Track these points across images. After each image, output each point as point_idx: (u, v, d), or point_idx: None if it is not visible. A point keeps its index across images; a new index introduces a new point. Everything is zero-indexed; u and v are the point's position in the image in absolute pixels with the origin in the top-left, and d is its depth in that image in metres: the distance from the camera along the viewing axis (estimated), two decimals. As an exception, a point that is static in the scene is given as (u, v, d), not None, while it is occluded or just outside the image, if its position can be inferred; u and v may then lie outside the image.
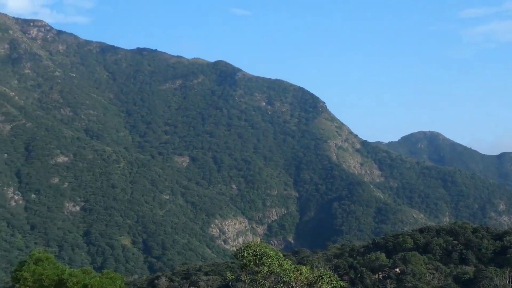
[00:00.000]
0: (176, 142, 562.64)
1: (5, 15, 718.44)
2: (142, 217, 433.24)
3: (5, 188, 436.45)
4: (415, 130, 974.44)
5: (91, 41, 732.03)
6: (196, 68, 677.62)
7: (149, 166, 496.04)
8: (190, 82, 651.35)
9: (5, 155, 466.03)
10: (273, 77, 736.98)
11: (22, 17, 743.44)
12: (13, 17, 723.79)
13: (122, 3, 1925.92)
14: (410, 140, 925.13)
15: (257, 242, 64.53)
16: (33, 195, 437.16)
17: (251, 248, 60.94)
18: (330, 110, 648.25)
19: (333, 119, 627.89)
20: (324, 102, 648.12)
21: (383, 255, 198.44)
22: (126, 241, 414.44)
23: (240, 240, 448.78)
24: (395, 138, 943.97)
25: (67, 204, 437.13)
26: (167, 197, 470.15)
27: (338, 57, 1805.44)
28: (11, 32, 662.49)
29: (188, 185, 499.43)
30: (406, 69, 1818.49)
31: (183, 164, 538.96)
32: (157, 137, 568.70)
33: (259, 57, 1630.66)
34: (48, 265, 73.80)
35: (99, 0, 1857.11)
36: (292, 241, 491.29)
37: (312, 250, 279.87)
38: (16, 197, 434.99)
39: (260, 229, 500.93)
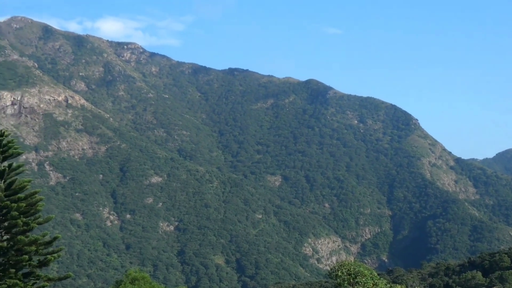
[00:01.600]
0: (268, 161, 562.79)
1: (100, 38, 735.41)
2: (235, 236, 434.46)
3: (101, 209, 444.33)
4: (510, 146, 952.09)
5: (183, 63, 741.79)
6: (287, 87, 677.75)
7: (241, 185, 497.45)
8: (282, 101, 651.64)
9: (101, 176, 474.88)
10: (365, 94, 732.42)
11: (116, 40, 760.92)
12: (107, 41, 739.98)
13: (213, 25, 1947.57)
14: (505, 157, 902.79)
15: (351, 261, 63.05)
16: (128, 215, 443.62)
17: (346, 267, 59.53)
18: (423, 127, 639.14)
19: (426, 136, 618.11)
20: (416, 119, 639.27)
21: (479, 274, 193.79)
22: (220, 260, 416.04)
23: (334, 259, 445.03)
24: (490, 154, 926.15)
25: (161, 224, 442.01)
26: (260, 216, 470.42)
27: (430, 74, 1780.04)
28: (105, 55, 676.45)
29: (280, 204, 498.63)
30: (499, 85, 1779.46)
31: (276, 183, 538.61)
32: (249, 156, 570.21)
33: (350, 75, 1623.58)
34: (144, 284, 73.86)
35: (191, 23, 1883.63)
36: (386, 260, 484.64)
37: (406, 269, 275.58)
38: (111, 217, 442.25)
39: (354, 248, 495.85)
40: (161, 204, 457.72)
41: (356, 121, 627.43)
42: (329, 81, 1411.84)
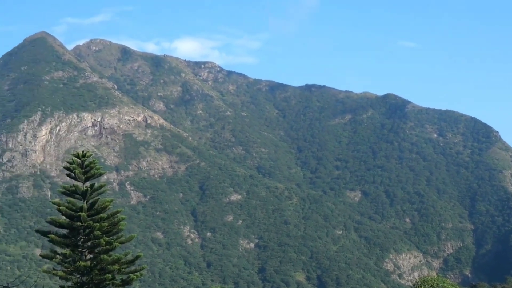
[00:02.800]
0: (348, 177, 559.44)
1: (177, 58, 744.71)
2: (315, 253, 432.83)
3: (182, 227, 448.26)
4: None
5: (260, 80, 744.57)
6: (365, 102, 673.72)
7: (321, 201, 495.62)
8: (360, 116, 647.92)
9: (181, 194, 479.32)
10: (443, 107, 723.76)
11: (193, 60, 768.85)
12: (185, 60, 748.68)
13: (288, 41, 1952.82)
14: None
15: (434, 276, 62.20)
16: (208, 233, 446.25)
17: (429, 282, 58.92)
18: (504, 139, 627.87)
19: (507, 148, 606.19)
20: (497, 131, 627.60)
21: None
22: (301, 277, 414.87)
23: (416, 274, 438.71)
24: None
25: (241, 242, 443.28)
26: (340, 232, 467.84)
27: (509, 85, 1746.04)
28: (183, 74, 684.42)
29: (361, 219, 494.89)
30: None
31: (355, 198, 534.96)
32: (328, 172, 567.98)
33: (428, 88, 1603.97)
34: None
35: (266, 40, 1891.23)
36: (469, 275, 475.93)
37: (490, 284, 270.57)
38: (192, 235, 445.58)
39: (436, 263, 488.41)
40: (241, 221, 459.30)
41: (435, 135, 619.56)
42: (407, 95, 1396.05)
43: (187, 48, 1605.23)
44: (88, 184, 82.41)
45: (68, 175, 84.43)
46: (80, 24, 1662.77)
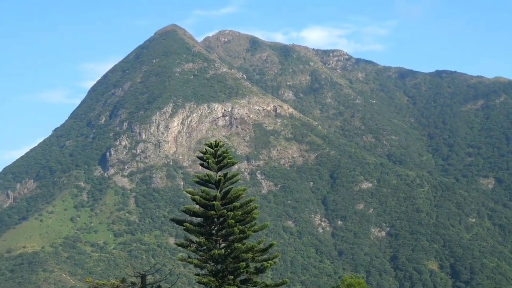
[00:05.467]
0: (480, 164, 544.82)
1: (305, 47, 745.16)
2: (448, 241, 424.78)
3: (312, 216, 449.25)
4: None
5: (390, 67, 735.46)
6: (497, 87, 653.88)
7: (453, 189, 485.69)
8: (492, 101, 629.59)
9: (311, 183, 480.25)
10: None
11: (321, 49, 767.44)
12: (313, 49, 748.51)
13: (416, 26, 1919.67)
14: None
15: None
16: (339, 222, 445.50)
17: None
18: None
19: None
20: None
21: None
22: (434, 265, 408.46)
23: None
24: None
25: (373, 230, 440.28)
26: (474, 220, 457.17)
27: None
28: (311, 63, 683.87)
29: (494, 207, 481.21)
30: None
31: (489, 185, 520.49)
32: (460, 159, 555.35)
33: None
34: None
35: (394, 27, 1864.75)
36: None
37: None
38: (323, 224, 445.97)
39: None
40: (372, 210, 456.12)
41: None
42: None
43: (315, 37, 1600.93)
44: (221, 173, 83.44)
45: (201, 165, 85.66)
46: (209, 16, 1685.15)
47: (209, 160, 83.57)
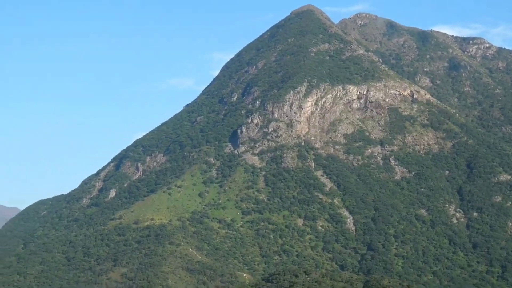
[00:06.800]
0: None
1: (444, 34, 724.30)
2: None
3: (447, 205, 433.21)
4: None
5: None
6: None
7: None
8: None
9: (447, 172, 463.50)
10: None
11: (461, 36, 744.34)
12: (452, 36, 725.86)
13: None
14: None
15: None
16: (475, 213, 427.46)
17: None
18: None
19: None
20: None
21: None
22: None
23: None
24: None
25: (510, 224, 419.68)
26: None
27: None
28: (450, 50, 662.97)
29: None
30: None
31: None
32: None
33: None
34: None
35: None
36: None
37: None
38: (457, 215, 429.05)
39: None
40: (510, 203, 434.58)
41: None
42: None
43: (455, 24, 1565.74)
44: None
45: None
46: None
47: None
